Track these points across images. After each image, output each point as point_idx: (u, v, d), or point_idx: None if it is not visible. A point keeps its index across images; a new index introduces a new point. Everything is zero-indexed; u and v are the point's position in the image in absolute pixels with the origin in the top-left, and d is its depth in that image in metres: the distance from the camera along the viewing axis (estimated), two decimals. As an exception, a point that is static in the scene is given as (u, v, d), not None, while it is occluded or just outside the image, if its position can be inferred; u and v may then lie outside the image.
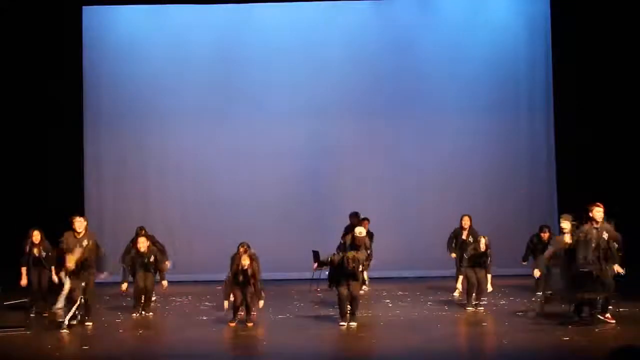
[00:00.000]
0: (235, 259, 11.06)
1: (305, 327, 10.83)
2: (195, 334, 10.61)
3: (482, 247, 11.68)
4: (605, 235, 10.21)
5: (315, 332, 10.65)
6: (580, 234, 10.22)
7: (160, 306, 12.59)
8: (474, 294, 11.75)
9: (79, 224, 10.96)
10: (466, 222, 13.14)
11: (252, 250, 11.08)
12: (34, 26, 15.60)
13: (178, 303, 13.12)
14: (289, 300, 13.14)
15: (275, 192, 15.55)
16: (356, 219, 13.29)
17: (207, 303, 13.01)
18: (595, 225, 10.22)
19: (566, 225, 10.66)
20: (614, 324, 10.29)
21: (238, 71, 16.09)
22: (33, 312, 11.67)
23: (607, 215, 10.54)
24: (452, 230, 13.40)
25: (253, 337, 10.31)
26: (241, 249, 11.08)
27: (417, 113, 16.04)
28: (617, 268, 10.35)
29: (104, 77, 16.07)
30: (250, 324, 10.95)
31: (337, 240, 13.83)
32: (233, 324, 10.88)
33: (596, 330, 10.10)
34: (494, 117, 15.98)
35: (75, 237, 10.91)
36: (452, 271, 15.08)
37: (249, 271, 10.84)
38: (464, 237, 13.00)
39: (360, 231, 10.88)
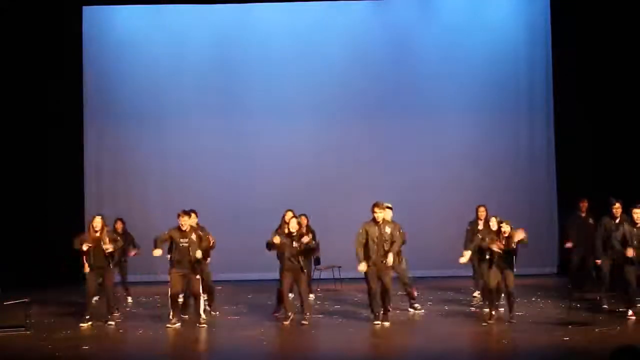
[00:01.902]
0: (282, 226, 11.23)
1: (305, 327, 10.82)
2: (195, 334, 10.62)
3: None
4: None
5: (315, 332, 10.65)
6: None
7: (160, 306, 12.59)
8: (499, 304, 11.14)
9: (186, 219, 11.15)
10: (482, 214, 12.54)
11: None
12: (34, 26, 15.60)
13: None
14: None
15: (276, 191, 15.54)
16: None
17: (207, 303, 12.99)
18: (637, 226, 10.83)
19: (507, 228, 10.68)
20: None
21: (238, 71, 16.08)
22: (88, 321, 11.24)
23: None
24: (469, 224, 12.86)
25: (252, 338, 10.30)
26: (289, 213, 11.45)
27: (416, 113, 16.03)
28: None
29: (104, 77, 16.07)
30: (305, 323, 10.88)
31: (337, 239, 13.84)
32: (287, 322, 10.90)
33: (596, 330, 10.11)
34: (494, 117, 15.98)
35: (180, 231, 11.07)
36: (452, 271, 15.10)
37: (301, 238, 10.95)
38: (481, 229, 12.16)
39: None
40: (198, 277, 11.04)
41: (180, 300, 11.25)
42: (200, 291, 11.12)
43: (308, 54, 16.01)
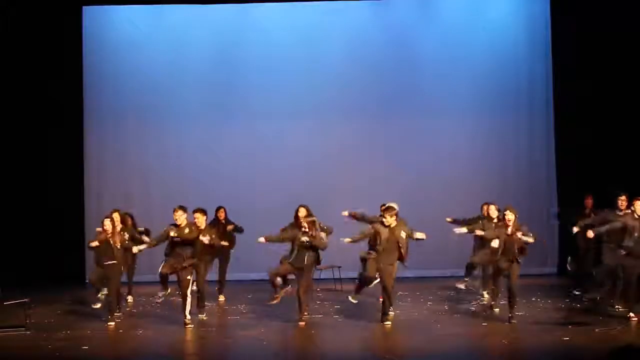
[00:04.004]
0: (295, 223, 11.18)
1: (304, 327, 10.82)
2: (195, 334, 10.62)
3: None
4: None
5: (315, 332, 10.65)
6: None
7: (160, 306, 12.59)
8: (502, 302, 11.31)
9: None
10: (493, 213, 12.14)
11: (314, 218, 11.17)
12: (34, 26, 15.60)
13: (178, 302, 13.09)
14: (289, 300, 13.10)
15: (276, 191, 15.54)
16: None
17: (206, 303, 12.98)
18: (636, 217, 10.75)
19: (511, 216, 10.70)
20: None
21: (238, 70, 16.08)
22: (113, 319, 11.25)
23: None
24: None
25: (252, 337, 10.30)
26: (302, 209, 11.35)
27: (416, 113, 16.03)
28: None
29: (104, 77, 16.05)
30: (302, 324, 10.88)
31: (337, 239, 13.80)
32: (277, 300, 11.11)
33: (596, 330, 10.11)
34: (494, 117, 15.97)
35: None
36: (452, 271, 15.09)
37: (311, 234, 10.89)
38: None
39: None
40: (189, 277, 11.01)
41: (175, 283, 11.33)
42: (188, 292, 11.02)
43: (308, 54, 16.01)
